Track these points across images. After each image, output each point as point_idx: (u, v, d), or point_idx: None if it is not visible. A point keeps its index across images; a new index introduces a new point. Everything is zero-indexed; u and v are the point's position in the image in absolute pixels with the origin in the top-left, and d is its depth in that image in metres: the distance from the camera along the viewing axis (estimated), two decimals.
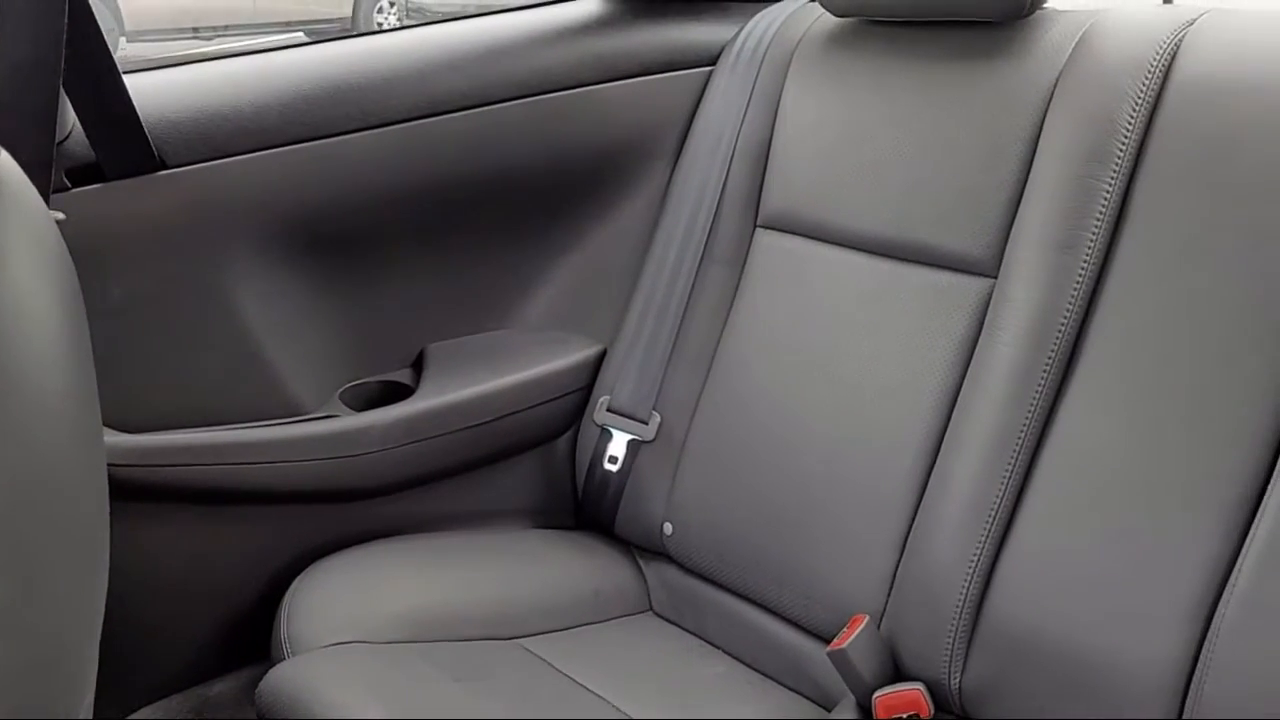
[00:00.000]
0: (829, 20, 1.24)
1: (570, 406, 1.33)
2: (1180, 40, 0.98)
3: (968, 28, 1.11)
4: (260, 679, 1.04)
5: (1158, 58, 0.97)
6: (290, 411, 1.22)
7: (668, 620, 1.25)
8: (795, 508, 1.12)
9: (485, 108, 1.26)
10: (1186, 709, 0.85)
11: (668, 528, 1.23)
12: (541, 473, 1.35)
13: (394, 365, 1.32)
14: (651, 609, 1.26)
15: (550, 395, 1.31)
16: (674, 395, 1.25)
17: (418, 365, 1.32)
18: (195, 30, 6.10)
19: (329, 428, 1.20)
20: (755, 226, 1.25)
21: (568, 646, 1.16)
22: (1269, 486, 0.85)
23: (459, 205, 1.30)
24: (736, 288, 1.24)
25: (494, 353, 1.33)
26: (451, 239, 1.32)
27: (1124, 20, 1.03)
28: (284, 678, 1.02)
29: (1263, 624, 0.82)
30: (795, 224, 1.21)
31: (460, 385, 1.26)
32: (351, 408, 1.25)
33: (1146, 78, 0.97)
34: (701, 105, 1.32)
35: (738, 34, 1.33)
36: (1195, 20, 0.99)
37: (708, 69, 1.34)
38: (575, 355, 1.33)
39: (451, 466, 1.28)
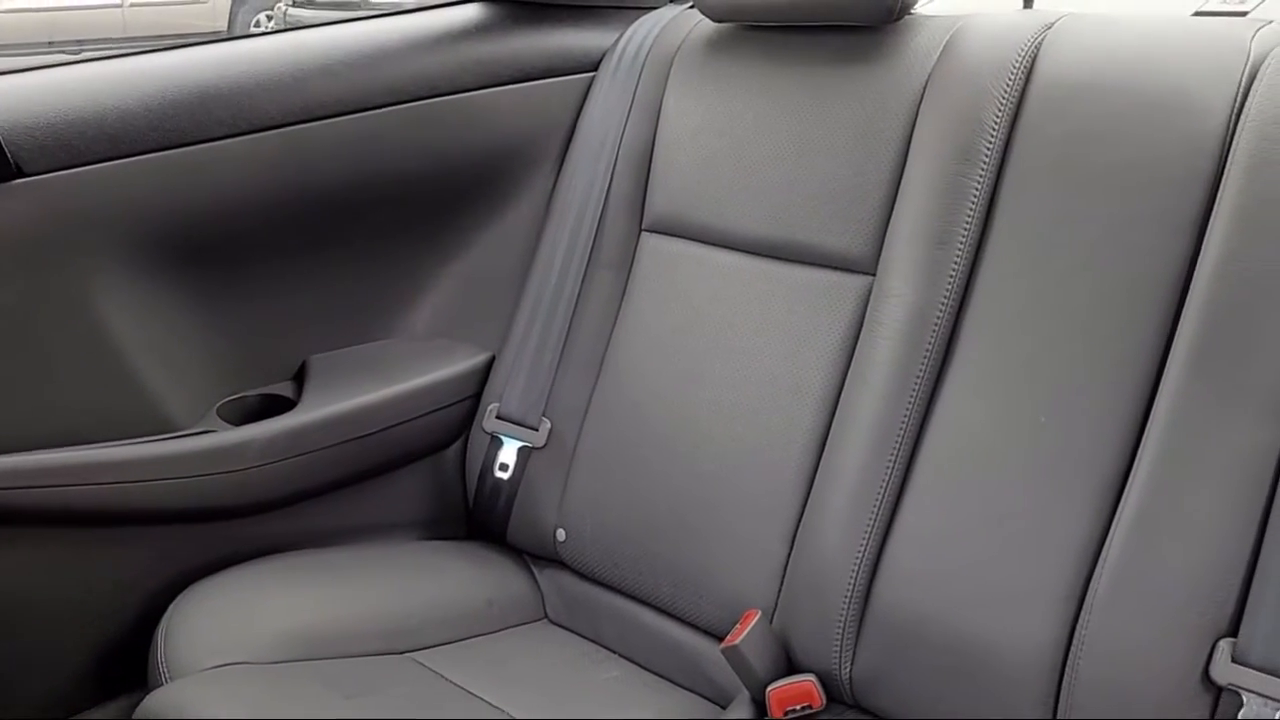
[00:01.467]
0: (707, 26, 1.26)
1: (459, 415, 1.31)
2: (1040, 44, 1.02)
3: (841, 32, 1.14)
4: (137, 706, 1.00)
5: (1019, 60, 1.01)
6: (164, 429, 1.18)
7: (563, 627, 1.24)
8: (686, 508, 1.13)
9: (363, 113, 1.24)
10: (1063, 686, 0.88)
11: (560, 534, 1.22)
12: (431, 483, 1.33)
13: (274, 378, 1.29)
14: (546, 617, 1.25)
15: (438, 404, 1.30)
16: (564, 401, 1.25)
17: (299, 378, 1.29)
18: (50, 43, 5.82)
19: (205, 443, 1.16)
20: (640, 230, 1.25)
21: (461, 657, 1.14)
22: (1134, 465, 0.88)
23: (339, 213, 1.27)
24: (623, 291, 1.25)
25: (379, 363, 1.30)
26: (332, 248, 1.29)
27: (988, 25, 1.06)
28: (161, 703, 0.98)
29: (1130, 599, 0.85)
30: (679, 227, 1.22)
31: (344, 396, 1.24)
32: (230, 423, 1.21)
33: (1010, 79, 1.01)
34: (584, 111, 1.33)
35: (618, 40, 1.34)
36: (1053, 24, 1.03)
37: (589, 75, 1.34)
38: (463, 363, 1.31)
39: (337, 480, 1.25)
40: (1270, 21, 0.96)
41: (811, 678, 1.01)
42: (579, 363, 1.25)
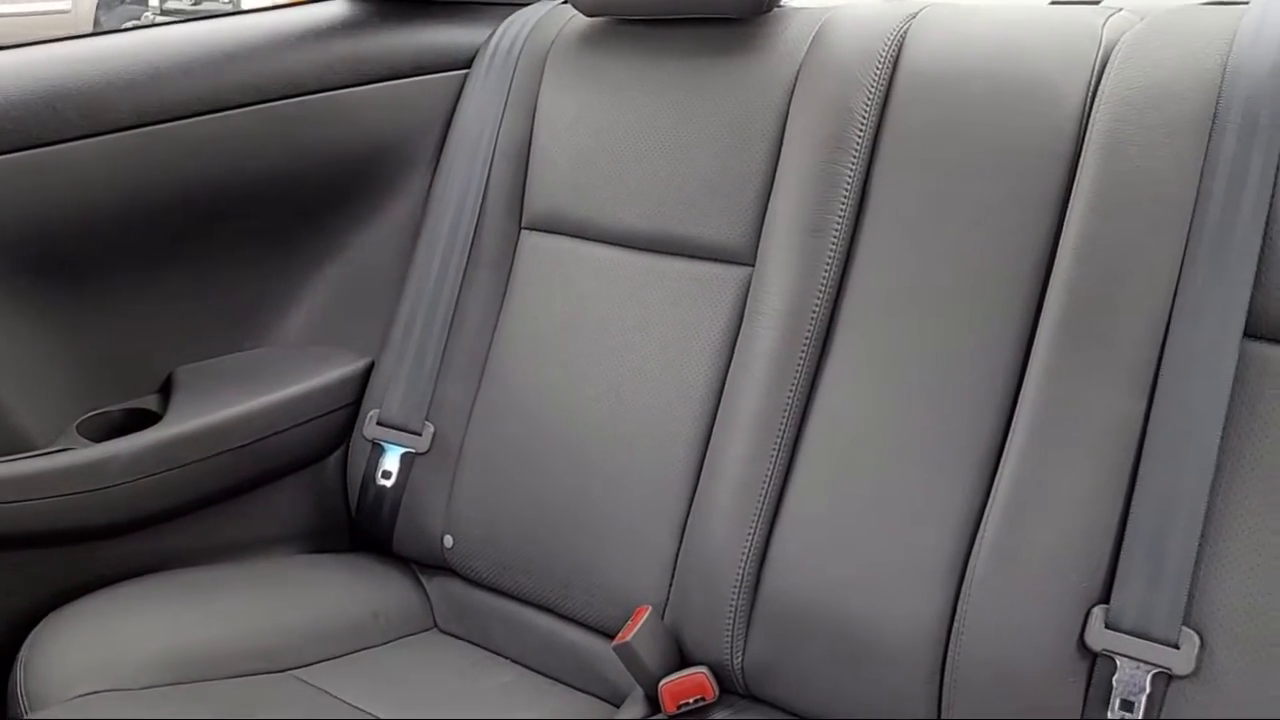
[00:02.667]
0: (581, 21, 1.25)
1: (338, 423, 1.28)
2: (905, 33, 1.04)
3: (712, 25, 1.14)
4: None
5: (886, 49, 1.03)
6: (19, 448, 1.11)
7: (453, 635, 1.21)
8: (575, 508, 1.12)
9: (224, 113, 1.19)
10: (947, 661, 0.89)
11: (448, 540, 1.20)
12: (311, 494, 1.29)
13: (139, 392, 1.23)
14: (436, 626, 1.22)
15: (315, 413, 1.25)
16: (447, 404, 1.22)
17: (166, 390, 1.23)
18: None
19: (64, 461, 1.10)
20: (520, 228, 1.24)
21: (346, 672, 1.10)
22: (1007, 441, 0.90)
23: (203, 218, 1.22)
24: (504, 291, 1.23)
25: (251, 372, 1.25)
26: (198, 254, 1.24)
27: (854, 15, 1.08)
28: None
29: (1008, 573, 0.87)
30: (559, 224, 1.20)
31: (214, 408, 1.19)
32: (90, 439, 1.15)
33: (878, 68, 1.02)
34: (458, 108, 1.30)
35: (491, 36, 1.32)
36: (916, 14, 1.05)
37: (462, 72, 1.32)
38: (340, 369, 1.27)
39: (209, 495, 1.20)
40: (1120, 9, 0.99)
41: (704, 670, 1.00)
42: (461, 365, 1.22)
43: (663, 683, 0.99)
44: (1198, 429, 0.82)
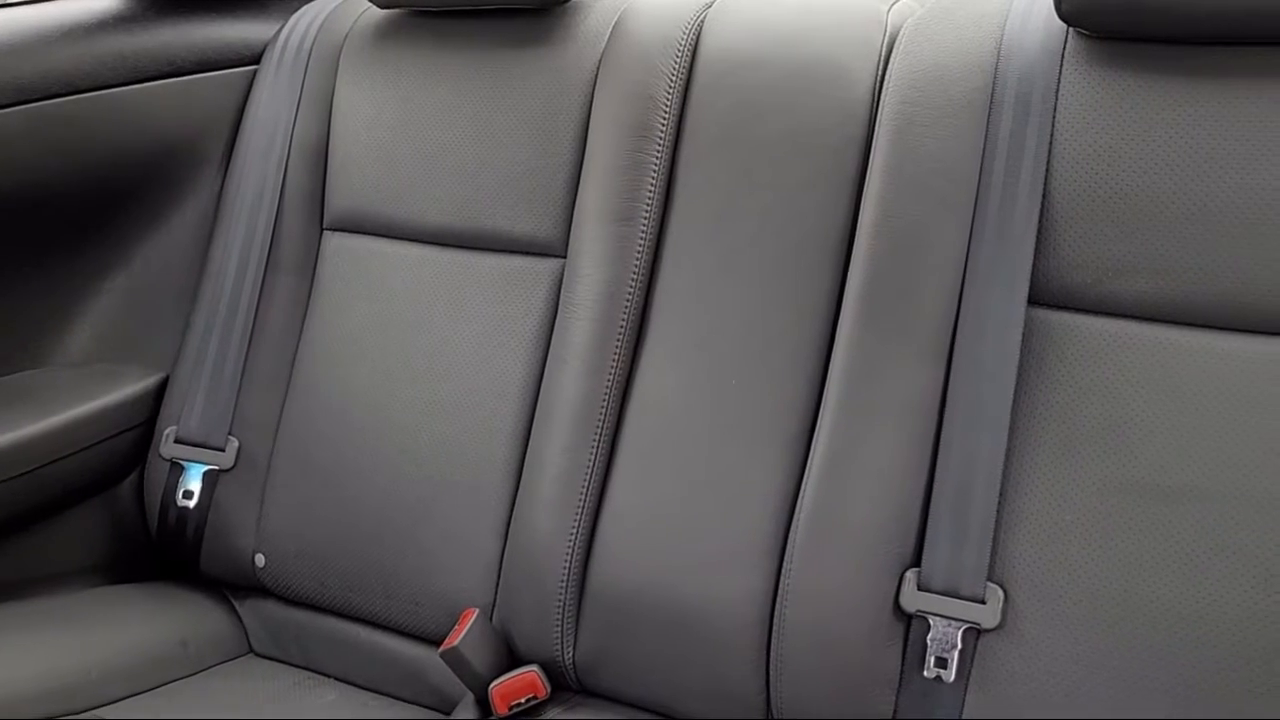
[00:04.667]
0: (375, 14, 1.21)
1: (131, 444, 1.20)
2: (702, 21, 1.05)
3: (511, 16, 1.13)
4: None
5: (685, 36, 1.04)
6: None
7: (270, 658, 1.15)
8: (394, 514, 1.08)
9: None
10: (773, 634, 0.91)
11: (260, 559, 1.14)
12: (107, 521, 1.21)
13: None
14: (251, 650, 1.16)
15: (104, 434, 1.17)
16: (252, 416, 1.16)
17: None
18: None
19: None
20: (322, 229, 1.19)
21: (154, 707, 1.03)
22: (819, 416, 0.92)
23: None
24: (309, 295, 1.18)
25: (29, 394, 1.16)
26: None
27: (653, 4, 1.09)
28: None
29: (825, 544, 0.89)
30: (362, 223, 1.17)
31: None
32: None
33: (677, 56, 1.03)
34: (248, 106, 1.24)
35: (280, 31, 1.26)
36: (713, 2, 1.07)
37: (251, 68, 1.26)
38: (130, 387, 1.20)
39: None
40: None
41: (535, 669, 0.99)
42: (265, 374, 1.17)
43: (493, 685, 0.97)
44: (991, 394, 0.86)
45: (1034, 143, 0.87)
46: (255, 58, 1.26)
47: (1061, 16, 0.87)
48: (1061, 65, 0.88)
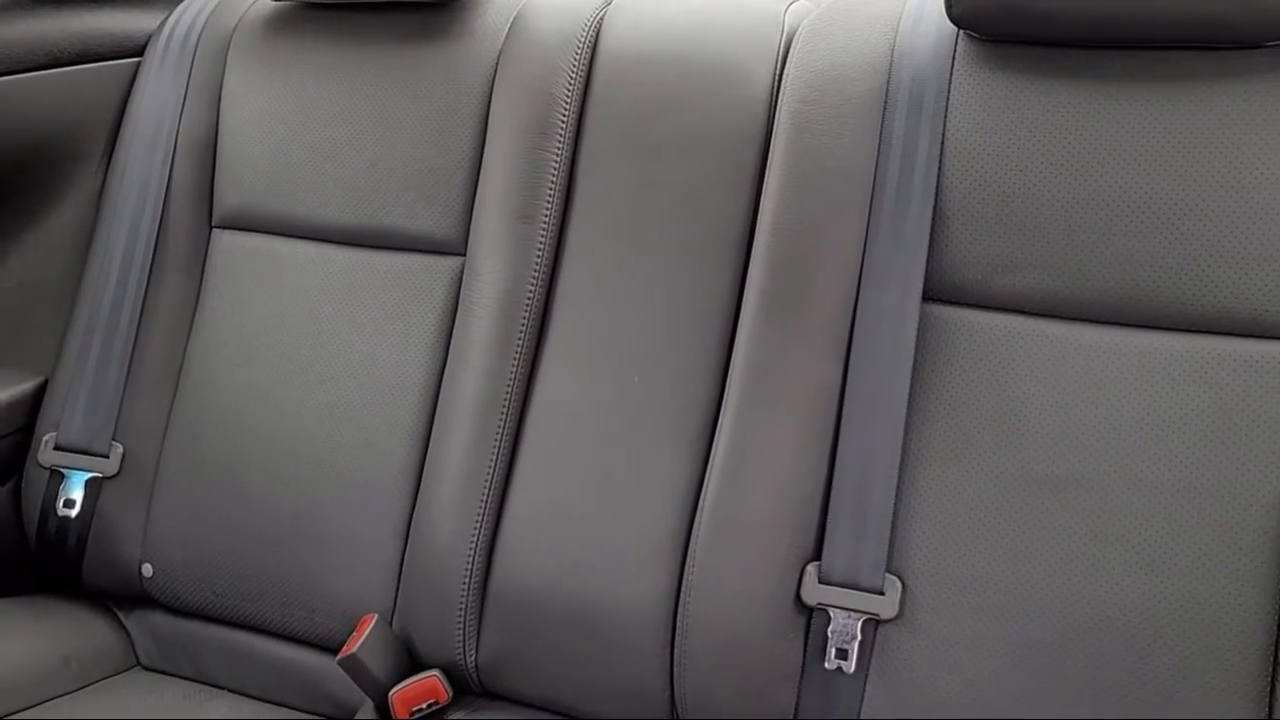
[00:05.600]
0: (266, 5, 1.18)
1: (6, 452, 1.14)
2: (602, 18, 1.05)
3: (407, 11, 1.11)
4: None
5: (585, 34, 1.03)
6: None
7: (159, 672, 1.11)
8: (290, 520, 1.06)
9: None
10: (677, 631, 0.91)
11: (147, 569, 1.10)
12: None
13: None
14: (139, 664, 1.12)
15: None
16: (137, 421, 1.12)
17: None
18: None
19: None
20: (211, 227, 1.15)
21: None
22: (721, 412, 0.93)
23: None
24: (197, 295, 1.14)
25: None
26: None
27: (552, 1, 1.08)
28: None
29: (727, 540, 0.90)
30: (254, 220, 1.13)
31: None
32: None
33: (577, 53, 1.03)
34: (131, 99, 1.20)
35: (165, 22, 1.22)
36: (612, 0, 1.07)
37: (134, 60, 1.22)
38: (4, 392, 1.14)
39: None
40: None
41: (436, 673, 0.97)
42: (152, 377, 1.13)
43: (393, 691, 0.96)
44: (887, 388, 0.88)
45: (926, 142, 0.89)
46: (138, 49, 1.22)
47: (952, 19, 0.89)
48: (952, 67, 0.90)
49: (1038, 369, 0.86)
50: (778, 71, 0.97)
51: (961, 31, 0.91)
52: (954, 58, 0.91)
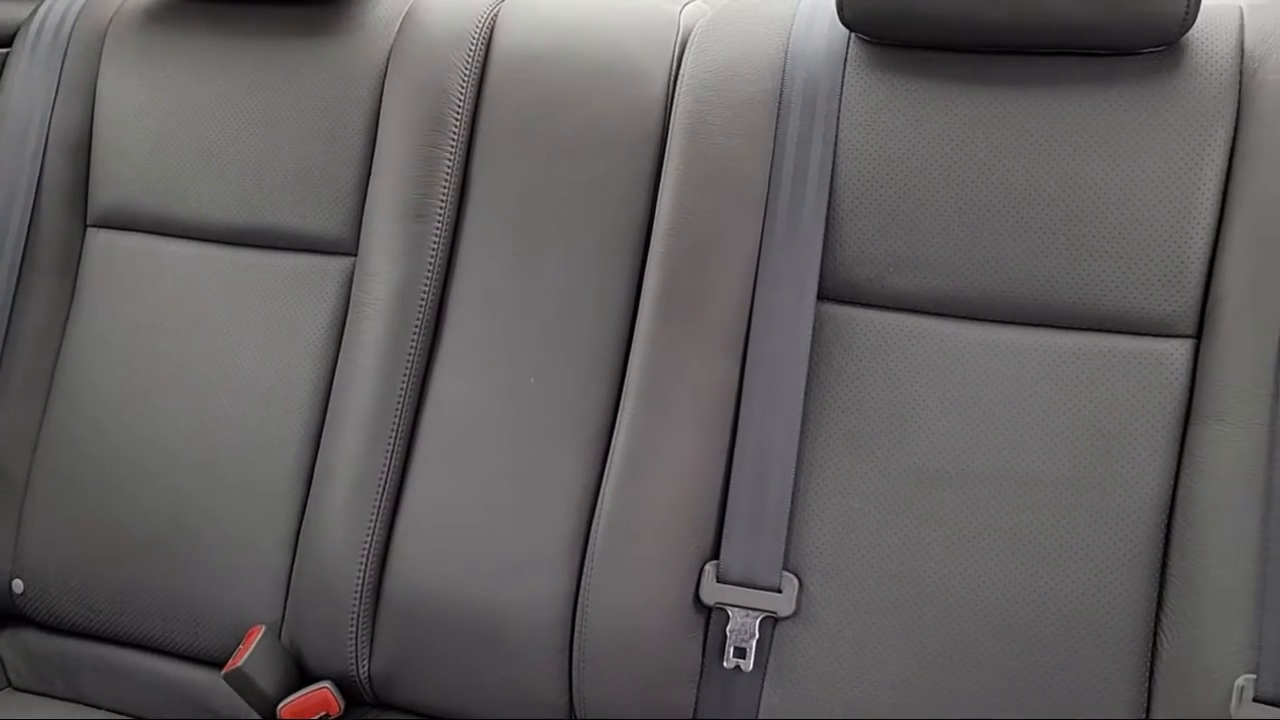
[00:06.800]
0: None
1: None
2: (495, 15, 1.04)
3: (293, 4, 1.08)
4: None
5: (478, 30, 1.02)
6: None
7: (32, 693, 1.06)
8: (172, 532, 1.02)
9: None
10: (575, 635, 0.90)
11: (17, 585, 1.05)
12: None
13: None
14: (9, 685, 1.07)
15: None
16: (6, 430, 1.07)
17: None
18: None
19: None
20: (85, 227, 1.11)
21: None
22: (619, 413, 0.92)
23: None
24: (71, 298, 1.10)
25: None
26: None
27: None
28: None
29: (626, 541, 0.89)
30: (133, 220, 1.09)
31: None
32: None
33: (470, 49, 1.01)
34: None
35: (35, 11, 1.17)
36: None
37: (2, 51, 1.16)
38: None
39: None
40: None
41: (327, 685, 0.95)
42: (21, 385, 1.08)
43: (281, 705, 0.93)
44: (783, 387, 0.88)
45: (820, 143, 0.90)
46: (6, 40, 1.17)
47: (844, 22, 0.90)
48: (844, 69, 0.91)
49: (929, 367, 0.88)
50: (673, 72, 0.97)
51: (853, 35, 0.93)
52: (846, 60, 0.92)
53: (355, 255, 1.02)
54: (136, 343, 1.06)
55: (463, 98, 1.00)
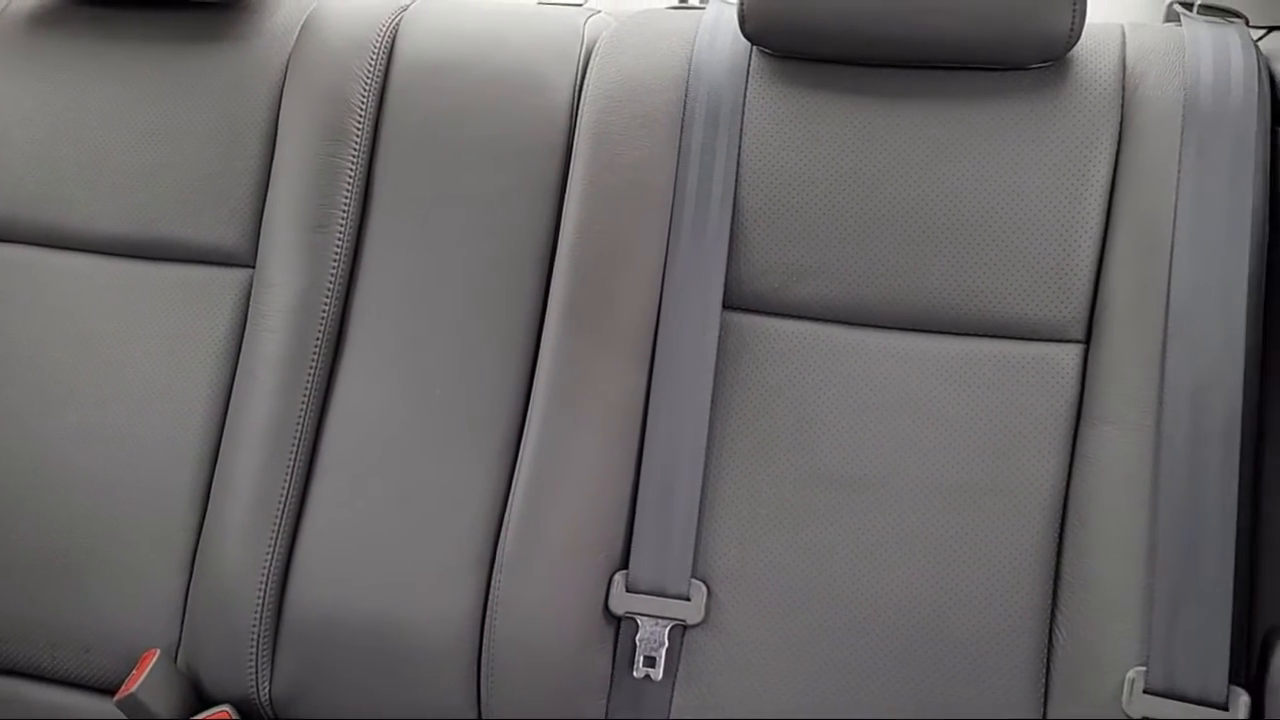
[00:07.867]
0: (27, 0, 1.10)
1: None
2: (397, 24, 1.03)
3: (187, 10, 1.05)
4: None
5: (380, 39, 1.01)
6: None
7: None
8: (58, 555, 0.98)
9: None
10: (484, 648, 0.89)
11: None
12: None
13: None
14: None
15: None
16: None
17: None
18: None
19: None
20: None
21: None
22: (526, 423, 0.91)
23: None
24: None
25: None
26: None
27: (344, 4, 1.05)
28: None
29: (534, 552, 0.88)
30: (16, 231, 1.05)
31: None
32: None
33: (372, 58, 1.00)
34: None
35: None
36: (408, 6, 1.04)
37: None
38: None
39: None
40: (599, 11, 1.05)
41: (227, 708, 0.92)
42: None
43: None
44: (690, 396, 0.89)
45: (723, 154, 0.91)
46: None
47: (745, 35, 0.91)
48: (747, 81, 0.93)
49: (832, 374, 0.89)
50: (578, 82, 0.97)
51: (755, 48, 0.94)
52: (748, 73, 0.93)
53: (253, 267, 1.00)
54: (19, 359, 1.02)
55: (364, 106, 0.99)
